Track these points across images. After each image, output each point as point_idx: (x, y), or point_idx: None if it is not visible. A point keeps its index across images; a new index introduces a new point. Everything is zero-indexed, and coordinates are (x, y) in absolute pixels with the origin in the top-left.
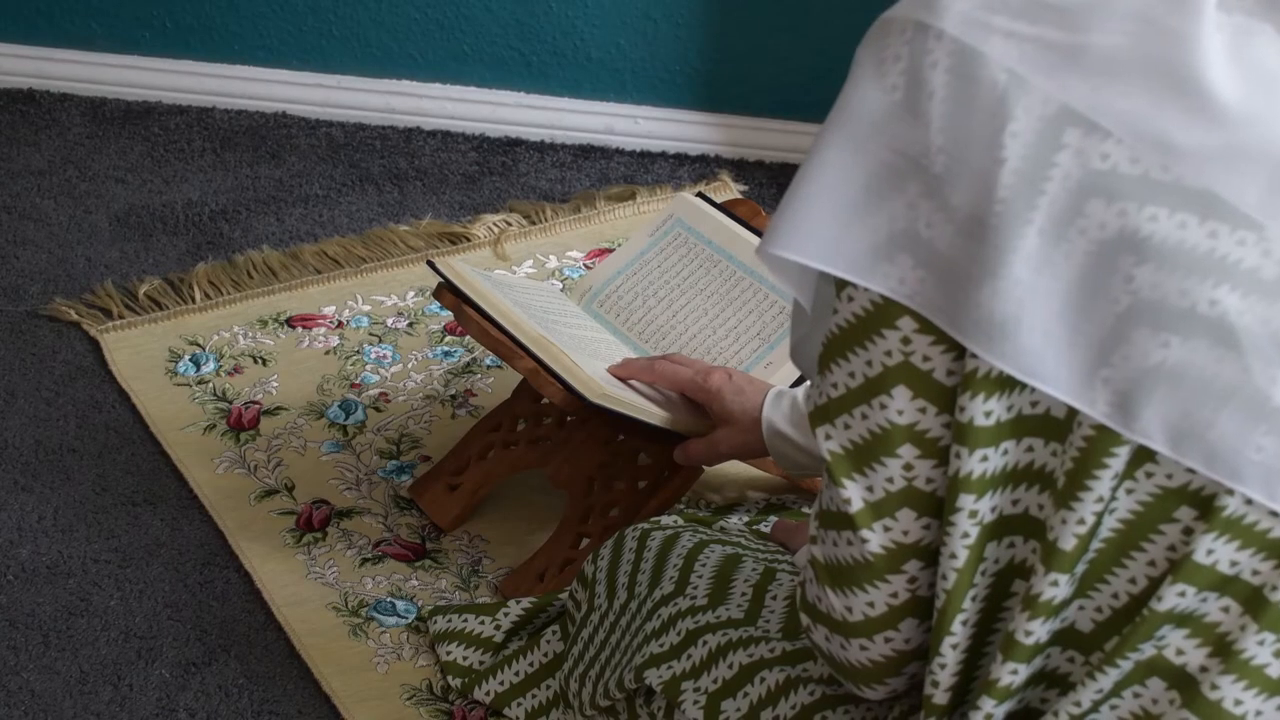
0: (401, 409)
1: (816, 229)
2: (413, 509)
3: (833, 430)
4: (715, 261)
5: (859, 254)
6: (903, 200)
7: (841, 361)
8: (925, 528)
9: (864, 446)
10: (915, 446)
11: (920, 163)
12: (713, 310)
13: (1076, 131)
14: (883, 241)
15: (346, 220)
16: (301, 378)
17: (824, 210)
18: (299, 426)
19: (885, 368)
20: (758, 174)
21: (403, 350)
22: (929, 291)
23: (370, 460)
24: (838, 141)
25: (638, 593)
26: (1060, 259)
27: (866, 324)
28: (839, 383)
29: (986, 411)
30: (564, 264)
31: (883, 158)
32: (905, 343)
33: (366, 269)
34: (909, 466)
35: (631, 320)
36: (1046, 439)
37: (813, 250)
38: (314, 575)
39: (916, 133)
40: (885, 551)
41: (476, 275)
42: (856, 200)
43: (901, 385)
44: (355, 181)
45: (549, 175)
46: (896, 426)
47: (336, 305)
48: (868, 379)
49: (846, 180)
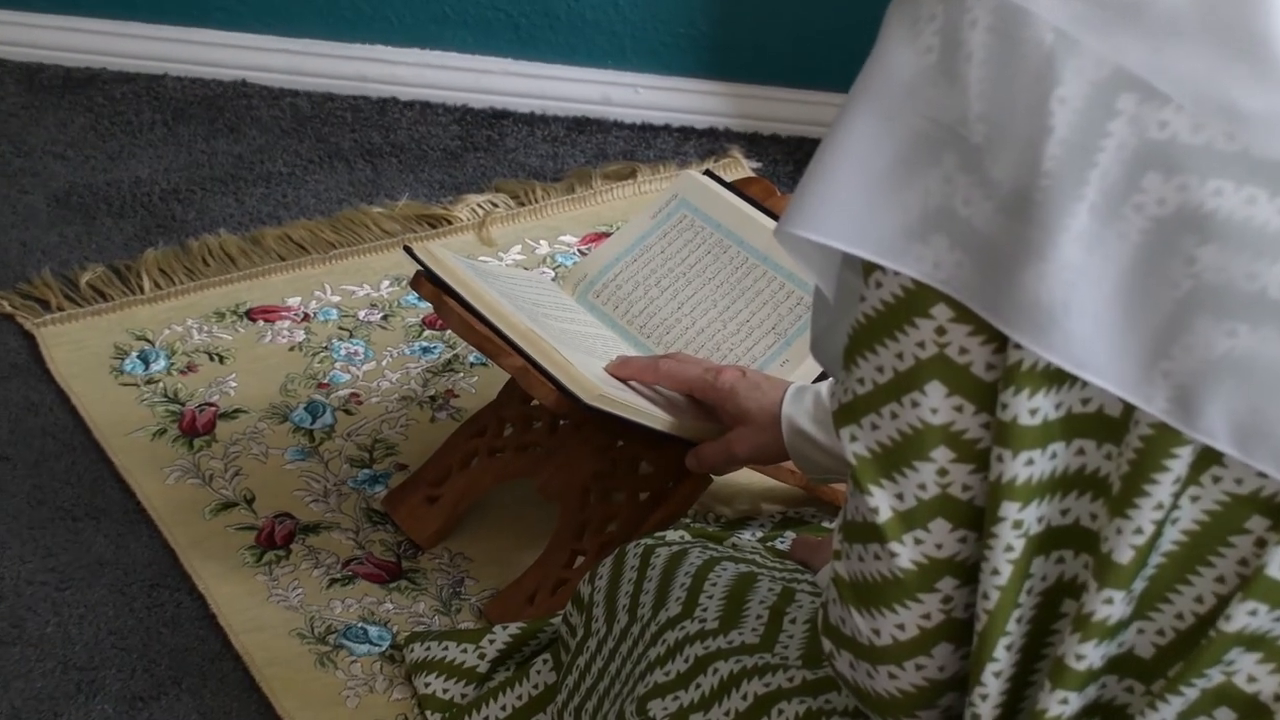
0: (375, 412)
1: (841, 206)
2: (387, 524)
3: (859, 431)
4: (725, 247)
5: (889, 234)
6: (938, 174)
7: (869, 355)
8: (961, 541)
9: (893, 449)
10: (951, 449)
11: (957, 132)
12: (722, 302)
13: (1132, 97)
14: (915, 220)
15: (314, 201)
16: (263, 377)
17: (850, 186)
18: (260, 431)
19: (917, 361)
20: (772, 149)
21: (376, 346)
22: (967, 275)
23: (340, 469)
24: (865, 109)
25: (640, 615)
26: (1113, 238)
27: (896, 312)
28: (866, 378)
29: (1032, 409)
30: (556, 250)
31: (916, 127)
32: (940, 333)
33: (336, 255)
34: (943, 472)
35: (631, 313)
36: (1100, 440)
37: (837, 230)
38: (276, 598)
39: (953, 99)
40: (917, 567)
41: (459, 262)
42: (886, 174)
43: (935, 380)
44: (323, 158)
45: (539, 151)
46: (930, 427)
47: (302, 296)
48: (898, 374)
49: (875, 152)
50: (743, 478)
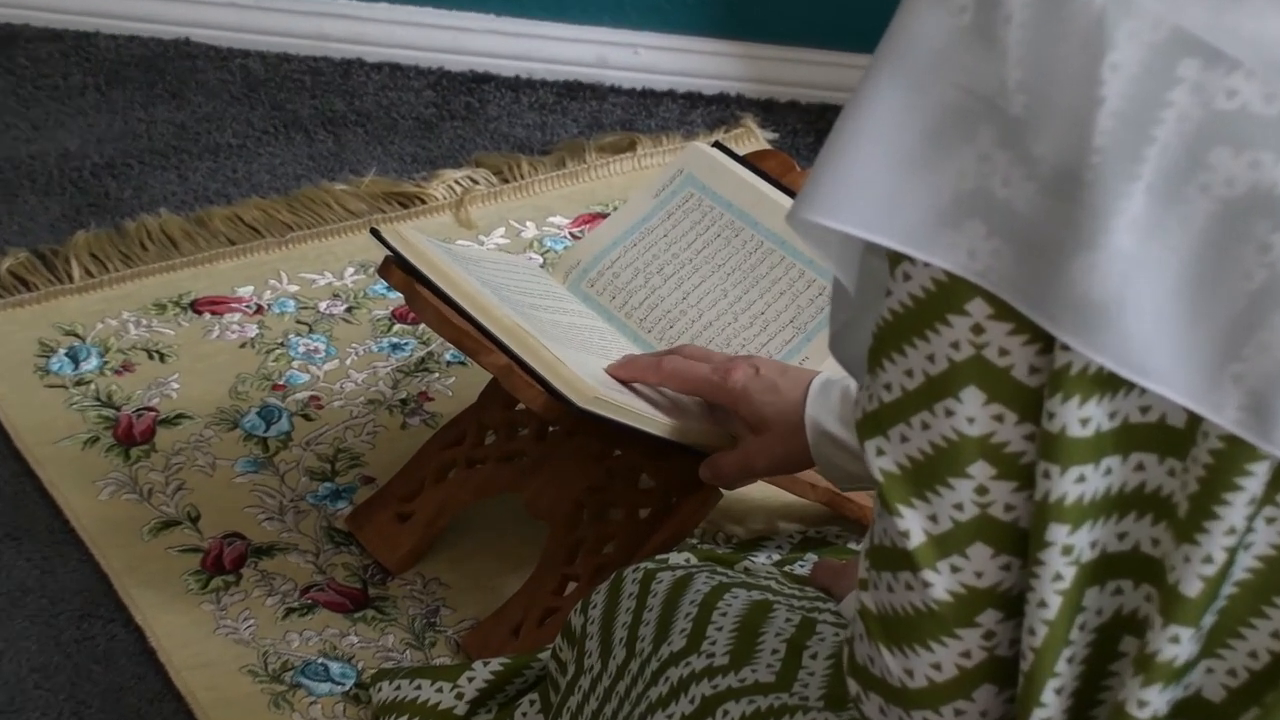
0: (338, 417)
1: (863, 189)
2: (351, 545)
3: (886, 444)
4: (737, 230)
5: (918, 220)
6: (973, 151)
7: (896, 356)
8: (1004, 569)
9: (925, 464)
10: (990, 464)
11: (995, 103)
12: (734, 292)
13: (1194, 62)
14: (948, 204)
15: (268, 177)
16: (209, 378)
17: (873, 165)
18: (206, 440)
19: (951, 364)
20: (790, 118)
21: (339, 342)
22: (1006, 266)
23: (297, 483)
24: (890, 78)
25: (640, 650)
26: (1175, 224)
27: (927, 309)
28: (893, 383)
29: (1083, 419)
30: (545, 233)
31: (948, 97)
32: (976, 332)
33: (294, 239)
34: (982, 489)
35: (630, 305)
36: (1161, 454)
37: (858, 215)
38: (225, 630)
39: (990, 65)
40: (954, 598)
41: (434, 247)
42: (915, 151)
43: (972, 386)
44: (279, 128)
45: (525, 120)
46: (966, 438)
47: (255, 285)
48: (929, 378)
49: (902, 126)
50: (757, 492)
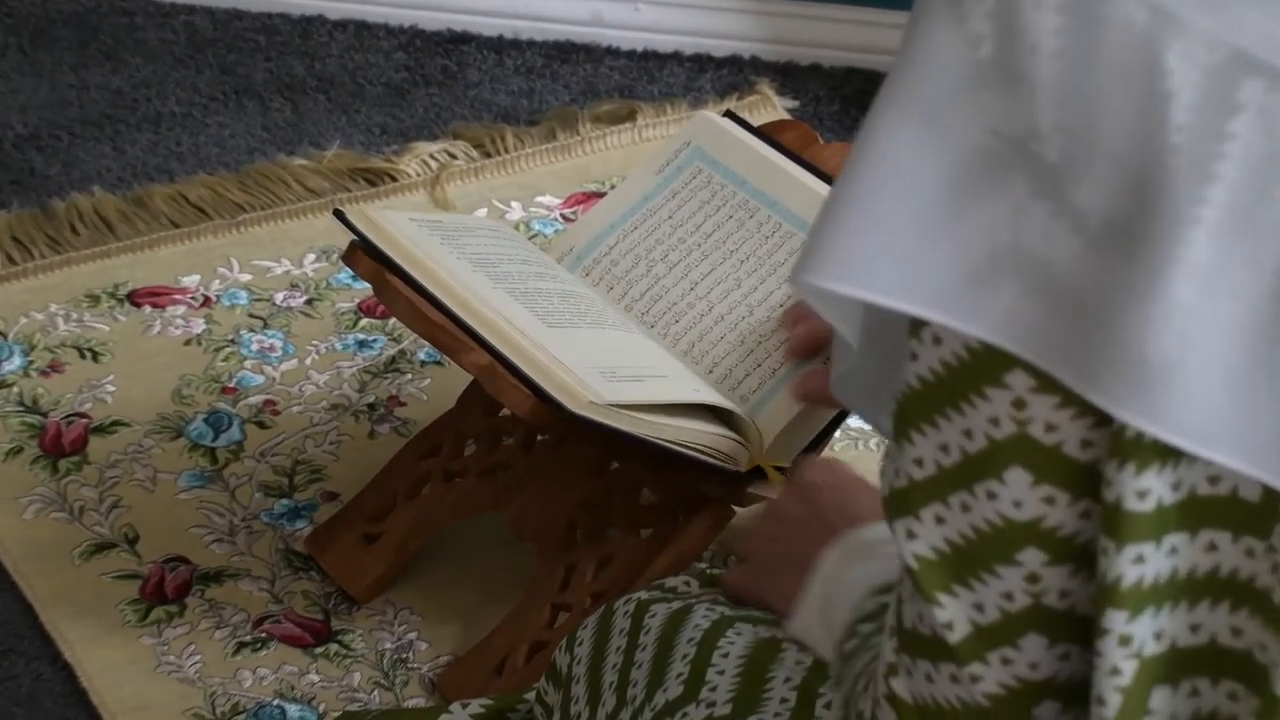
0: (296, 424)
1: (878, 247)
2: (312, 570)
3: (919, 526)
4: (751, 211)
5: (945, 281)
6: (1004, 202)
7: (927, 429)
8: (1063, 658)
9: (967, 550)
10: (1043, 550)
11: (1027, 148)
12: (748, 281)
13: (1257, 84)
14: (980, 262)
15: (216, 151)
16: (150, 379)
17: (888, 219)
18: (146, 450)
19: (991, 442)
20: (812, 83)
21: (298, 339)
22: (1047, 328)
23: (250, 499)
24: (903, 115)
25: (631, 696)
26: (1242, 270)
27: (960, 379)
28: (925, 459)
29: (1141, 491)
30: (532, 215)
31: (971, 140)
32: (1018, 407)
33: (246, 222)
34: (1034, 578)
35: (631, 296)
36: (1236, 532)
37: (877, 278)
38: (167, 667)
39: (1017, 105)
40: (1007, 692)
41: (408, 226)
42: (936, 203)
43: (1017, 467)
44: (229, 94)
45: (510, 86)
46: (1013, 523)
47: (202, 274)
48: (967, 456)
49: (920, 173)
50: None
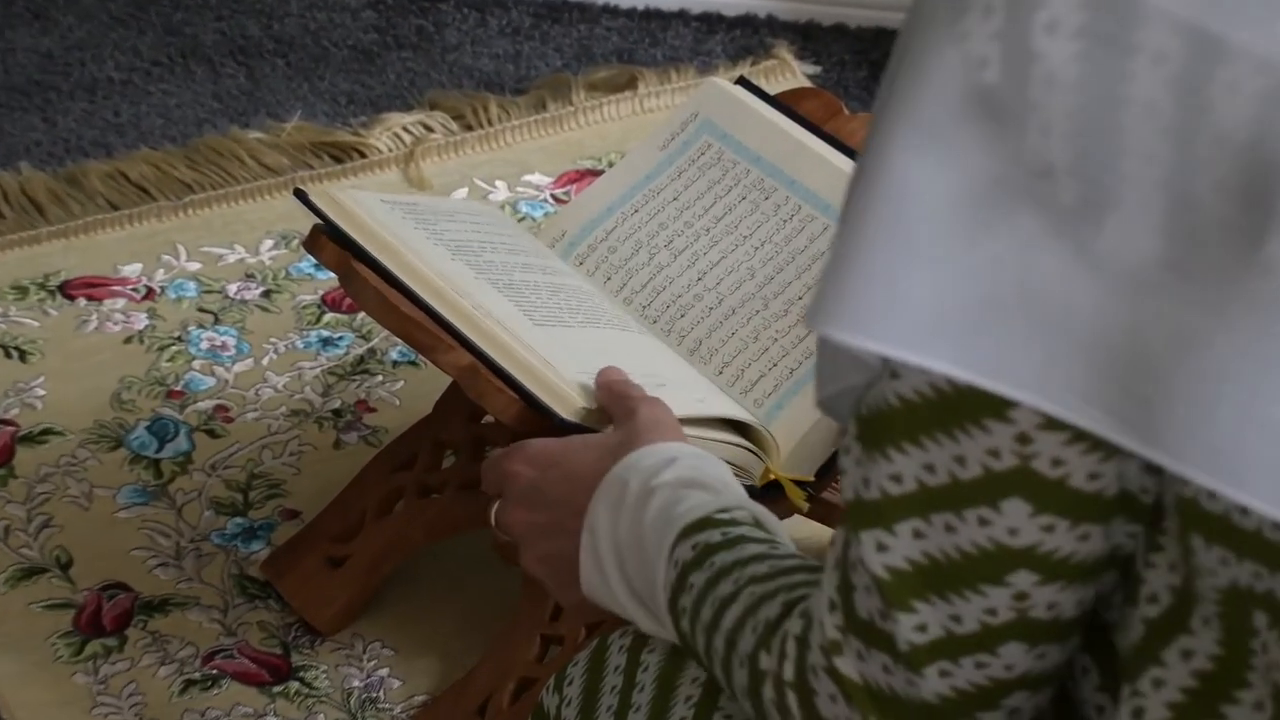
0: (252, 433)
1: (890, 294)
2: (270, 598)
3: (890, 539)
4: (767, 191)
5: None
6: (1014, 240)
7: (910, 448)
8: (1040, 657)
9: (949, 568)
10: (1036, 572)
11: (1038, 188)
12: (763, 270)
13: None
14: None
15: (160, 122)
16: (85, 381)
17: (898, 260)
18: (81, 462)
19: (989, 472)
20: (836, 46)
21: (254, 336)
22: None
23: (199, 518)
24: (904, 139)
25: None
26: None
27: (954, 407)
28: (905, 475)
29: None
30: (520, 195)
31: (976, 167)
32: (1023, 441)
33: (194, 203)
34: (1023, 595)
35: (630, 288)
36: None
37: (893, 330)
38: (104, 708)
39: (1028, 141)
40: (976, 690)
41: (378, 209)
42: (944, 240)
43: (1016, 498)
44: (174, 58)
45: (494, 49)
46: (1006, 549)
47: (144, 263)
48: (957, 481)
49: (924, 205)
50: (800, 525)
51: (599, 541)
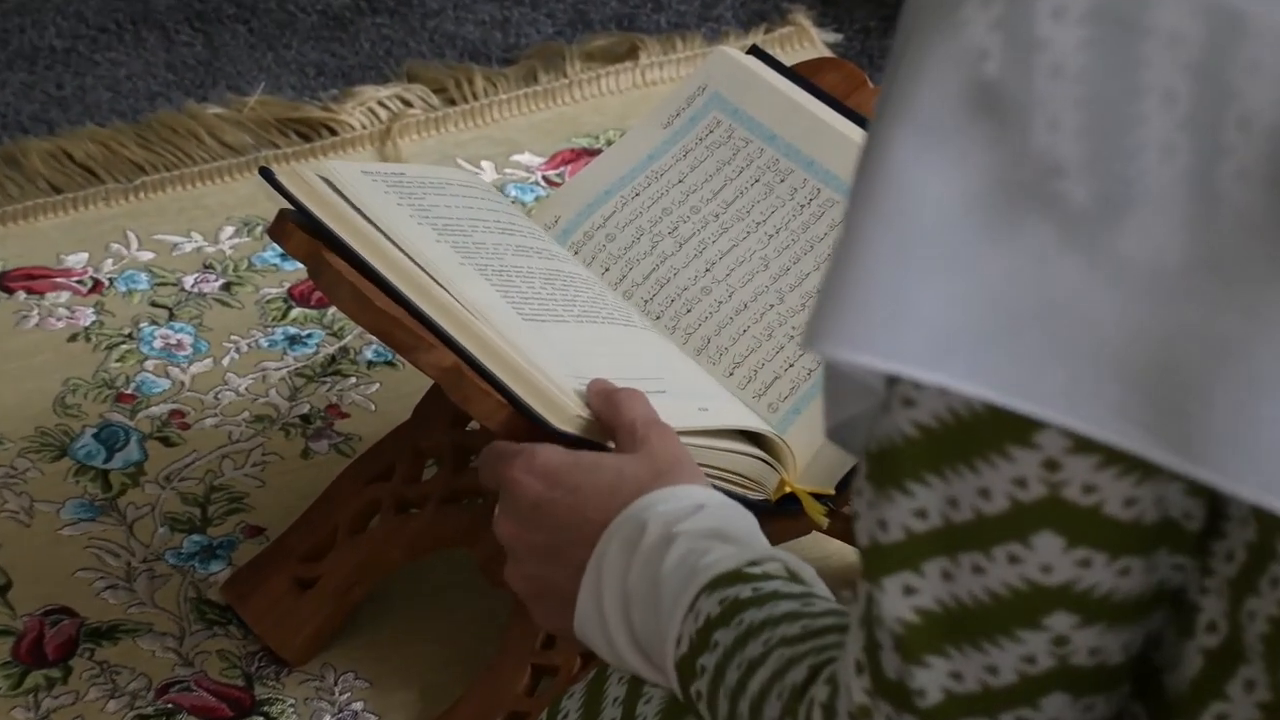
0: (211, 441)
1: (896, 308)
2: (231, 624)
3: (918, 580)
4: (783, 173)
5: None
6: (1025, 247)
7: (931, 479)
8: (1088, 709)
9: (977, 613)
10: (1074, 613)
11: (1047, 189)
12: (778, 261)
13: None
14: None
15: (108, 96)
16: (25, 384)
17: (904, 270)
18: (20, 473)
19: (1016, 504)
20: (859, 12)
21: (213, 334)
22: (1118, 400)
23: (152, 536)
24: (904, 136)
25: None
26: None
27: (975, 434)
28: (930, 510)
29: None
30: (508, 177)
31: (980, 168)
32: (1051, 468)
33: (147, 185)
34: (1062, 640)
35: (631, 279)
36: None
37: (903, 346)
38: None
39: (1034, 138)
40: None
41: (358, 181)
42: (953, 248)
43: (1047, 532)
44: (124, 23)
45: (479, 14)
46: (1040, 589)
47: (91, 252)
48: (982, 517)
49: (930, 210)
50: (813, 545)
51: (604, 580)
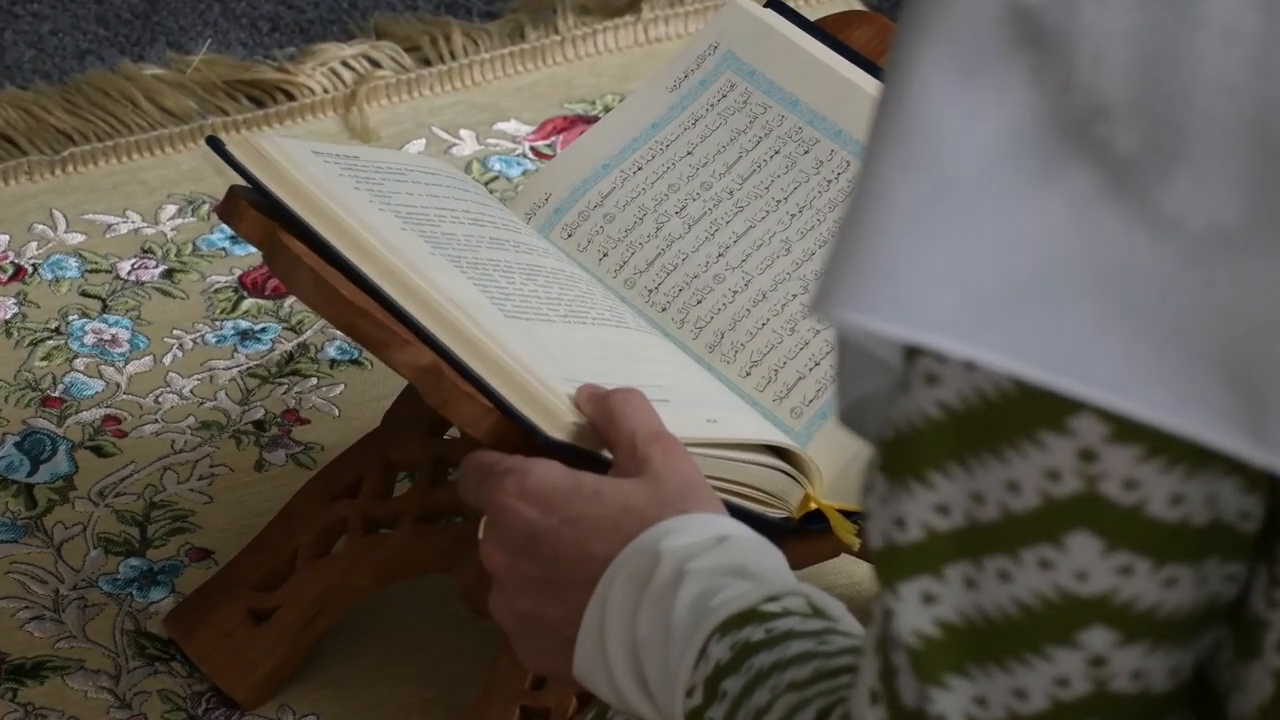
0: (152, 451)
1: (918, 266)
2: (175, 660)
3: (939, 586)
4: (806, 143)
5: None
6: (1067, 199)
7: (954, 470)
8: None
9: (1008, 628)
10: (1114, 628)
11: (1089, 132)
12: (801, 244)
13: None
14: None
15: (31, 54)
16: None
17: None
18: None
19: (1047, 500)
20: None
21: (153, 328)
22: (1175, 378)
23: (82, 559)
24: (930, 71)
25: None
26: None
27: (1003, 417)
28: (952, 505)
29: None
30: (490, 149)
31: (1019, 107)
32: (1087, 458)
33: (76, 157)
34: (1099, 660)
35: (632, 267)
36: None
37: (927, 311)
38: None
39: (1076, 73)
40: None
41: (312, 162)
42: (983, 198)
43: (1083, 532)
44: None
45: None
46: (1074, 598)
47: (12, 234)
48: (1009, 515)
49: (954, 146)
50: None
51: (609, 621)
